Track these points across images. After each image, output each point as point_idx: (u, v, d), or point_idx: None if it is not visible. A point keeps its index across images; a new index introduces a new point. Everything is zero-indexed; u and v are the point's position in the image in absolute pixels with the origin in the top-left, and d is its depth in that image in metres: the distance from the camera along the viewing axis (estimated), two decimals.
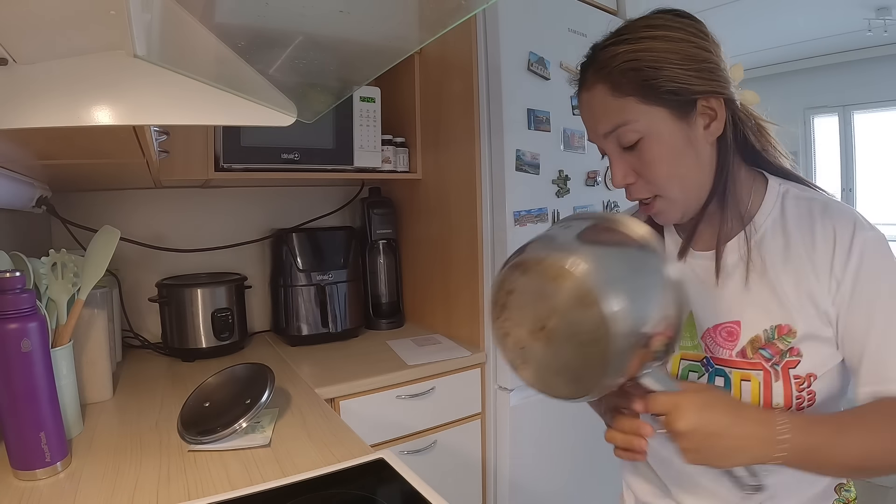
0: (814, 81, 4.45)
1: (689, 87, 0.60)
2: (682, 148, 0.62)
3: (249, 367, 1.01)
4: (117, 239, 0.98)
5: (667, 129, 0.61)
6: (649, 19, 0.64)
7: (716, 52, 0.63)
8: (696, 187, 0.64)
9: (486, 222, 1.41)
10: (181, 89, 0.57)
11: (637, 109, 0.61)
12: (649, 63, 0.60)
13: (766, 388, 0.62)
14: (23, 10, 0.44)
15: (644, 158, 0.62)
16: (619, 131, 0.63)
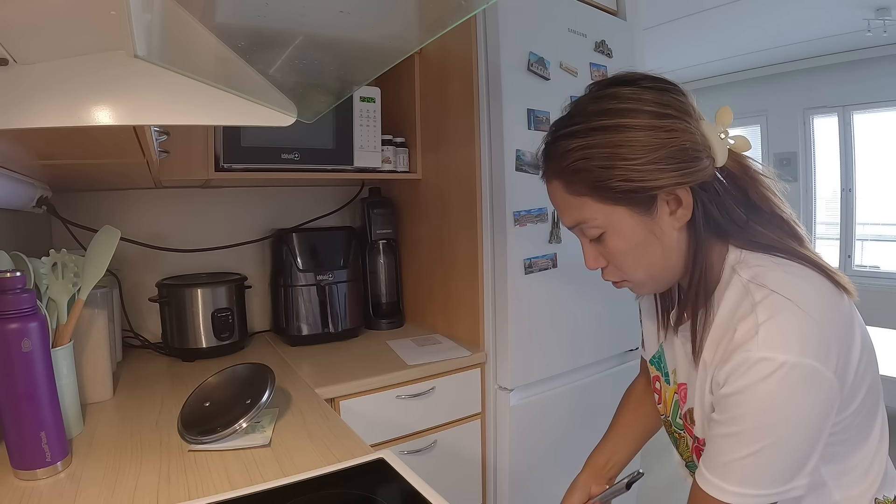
0: (813, 82, 4.46)
1: (646, 185, 0.57)
2: (644, 240, 0.61)
3: (250, 367, 1.01)
4: (117, 239, 0.98)
5: (626, 225, 0.60)
6: (603, 101, 0.60)
7: (682, 128, 0.58)
8: (663, 271, 0.64)
9: (486, 222, 1.41)
10: (181, 89, 0.57)
11: (594, 208, 0.61)
12: (600, 162, 0.58)
13: (694, 453, 0.69)
14: (23, 10, 0.44)
15: (609, 250, 0.63)
16: (581, 227, 0.64)
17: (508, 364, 1.40)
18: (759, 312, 0.55)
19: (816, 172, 4.62)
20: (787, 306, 0.54)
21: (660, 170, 0.57)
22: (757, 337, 0.54)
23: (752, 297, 0.56)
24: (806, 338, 0.53)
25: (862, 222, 4.45)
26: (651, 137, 0.57)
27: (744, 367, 0.54)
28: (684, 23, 3.56)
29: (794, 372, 0.52)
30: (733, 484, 0.56)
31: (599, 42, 1.56)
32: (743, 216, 0.61)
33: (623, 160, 0.57)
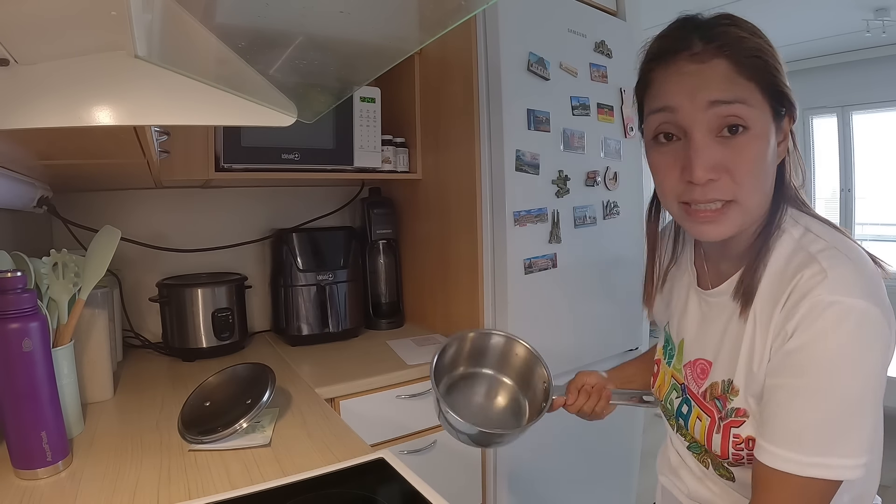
0: (812, 82, 4.46)
1: (790, 98, 0.58)
2: (771, 157, 0.58)
3: (250, 367, 1.01)
4: (118, 239, 0.98)
5: (770, 132, 0.57)
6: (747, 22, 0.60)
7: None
8: (763, 204, 0.60)
9: (486, 222, 1.41)
10: (182, 90, 0.58)
11: (756, 98, 0.56)
12: (771, 58, 0.57)
13: (708, 434, 0.64)
14: (24, 10, 0.44)
15: (742, 153, 0.56)
16: (734, 108, 0.55)
17: None
18: (822, 260, 0.53)
19: (816, 173, 4.62)
20: (846, 261, 0.54)
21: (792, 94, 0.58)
22: (826, 281, 0.52)
23: (809, 249, 0.56)
24: (872, 287, 0.52)
25: (861, 222, 4.45)
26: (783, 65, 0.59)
27: (815, 313, 0.51)
28: None
29: (866, 319, 0.50)
30: (812, 454, 0.51)
31: (599, 42, 1.56)
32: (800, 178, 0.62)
33: (781, 71, 0.58)
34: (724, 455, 0.62)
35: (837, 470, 0.51)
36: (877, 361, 0.51)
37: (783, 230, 0.59)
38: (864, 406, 0.52)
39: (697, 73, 0.57)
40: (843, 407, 0.51)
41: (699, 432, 0.66)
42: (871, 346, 0.51)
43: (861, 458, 0.51)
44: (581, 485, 1.60)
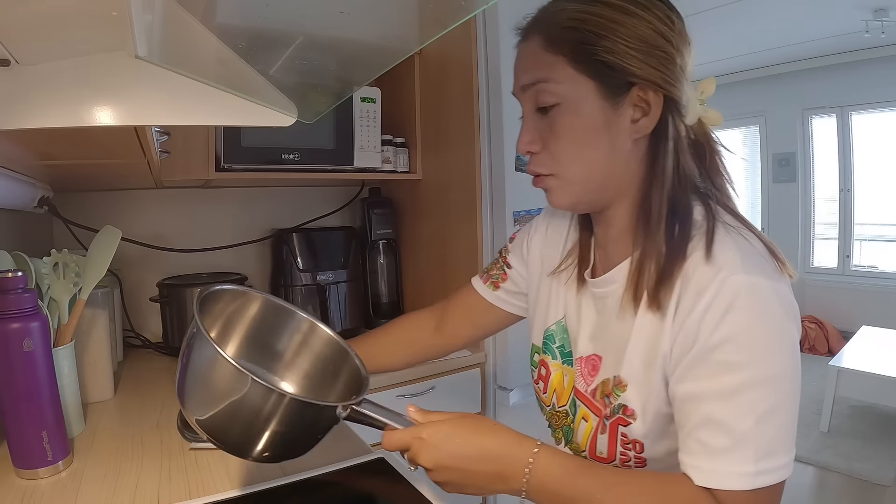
0: (812, 82, 4.46)
1: (627, 67, 0.53)
2: (597, 129, 0.55)
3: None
4: (118, 239, 0.99)
5: (588, 104, 0.55)
6: None
7: (677, 47, 0.55)
8: (601, 178, 0.57)
9: (486, 222, 1.41)
10: (182, 90, 0.58)
11: (564, 71, 0.55)
12: (593, 26, 0.53)
13: (593, 437, 0.60)
14: (25, 11, 0.45)
15: (554, 127, 0.56)
16: (539, 87, 0.56)
17: (508, 364, 1.40)
18: (727, 244, 0.51)
19: (815, 173, 4.63)
20: (737, 243, 0.52)
21: (645, 62, 0.53)
22: (732, 262, 0.49)
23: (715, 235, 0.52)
24: (775, 268, 0.51)
25: (860, 222, 4.46)
26: (649, 30, 0.53)
27: (725, 299, 0.48)
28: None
29: (777, 296, 0.48)
30: (756, 460, 0.46)
31: None
32: (695, 169, 0.57)
33: (616, 36, 0.53)
34: (612, 457, 0.58)
35: (785, 469, 0.48)
36: (796, 339, 0.49)
37: (676, 217, 0.55)
38: (797, 383, 0.49)
39: (520, 53, 0.59)
40: (785, 394, 0.48)
41: (583, 435, 0.61)
42: (789, 324, 0.49)
43: (793, 447, 0.49)
44: None
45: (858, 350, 2.92)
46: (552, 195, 0.61)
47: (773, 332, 0.48)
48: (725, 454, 0.47)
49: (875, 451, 2.48)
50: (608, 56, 0.53)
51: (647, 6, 0.54)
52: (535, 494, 0.51)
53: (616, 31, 0.53)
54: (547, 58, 0.55)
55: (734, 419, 0.47)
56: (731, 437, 0.47)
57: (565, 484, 0.50)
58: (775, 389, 0.47)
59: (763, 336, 0.48)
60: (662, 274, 0.54)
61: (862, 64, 4.16)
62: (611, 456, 0.59)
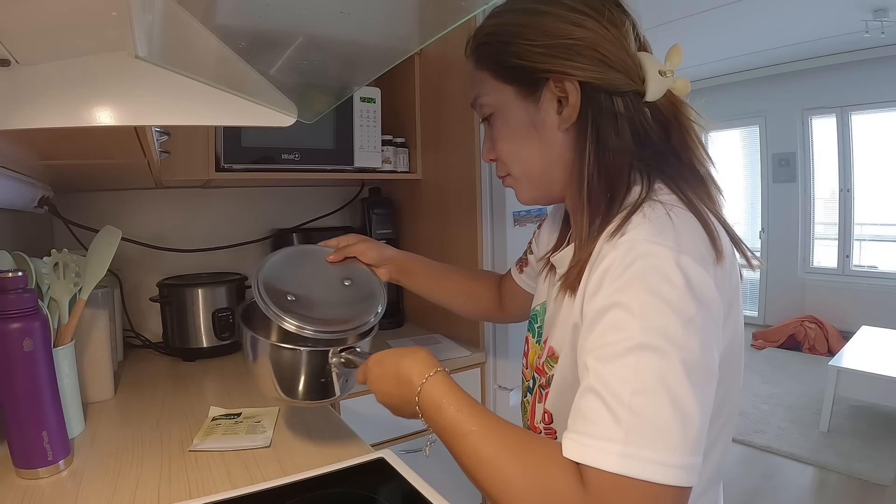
0: (812, 82, 4.46)
1: (534, 65, 0.55)
2: (525, 128, 0.59)
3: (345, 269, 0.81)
4: (119, 239, 0.99)
5: (512, 107, 0.59)
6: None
7: (597, 31, 0.54)
8: (541, 171, 0.60)
9: (486, 222, 1.41)
10: (182, 90, 0.58)
11: (489, 84, 0.60)
12: (501, 36, 0.58)
13: (532, 404, 0.64)
14: (25, 11, 0.45)
15: (494, 134, 0.62)
16: (477, 102, 0.62)
17: (508, 364, 1.40)
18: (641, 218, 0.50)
19: (815, 173, 4.63)
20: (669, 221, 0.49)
21: (552, 56, 0.54)
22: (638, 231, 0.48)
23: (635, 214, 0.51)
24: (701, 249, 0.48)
25: (860, 222, 4.46)
26: (556, 24, 0.55)
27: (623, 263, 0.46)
28: (683, 23, 3.56)
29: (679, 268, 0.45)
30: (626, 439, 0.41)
31: None
32: (631, 145, 0.55)
33: (522, 39, 0.56)
34: (536, 428, 0.62)
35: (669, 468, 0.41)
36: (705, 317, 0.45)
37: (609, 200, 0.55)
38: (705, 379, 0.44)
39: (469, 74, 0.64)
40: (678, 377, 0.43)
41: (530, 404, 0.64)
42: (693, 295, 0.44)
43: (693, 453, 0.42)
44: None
45: (858, 350, 2.92)
46: (516, 193, 0.66)
47: (667, 303, 0.43)
48: (594, 423, 0.42)
49: (875, 450, 2.48)
50: (516, 60, 0.57)
51: (559, 1, 0.55)
52: (425, 412, 0.54)
53: (521, 34, 0.56)
54: (477, 76, 0.62)
55: (610, 383, 0.43)
56: (603, 402, 0.42)
57: (448, 404, 0.52)
58: (662, 364, 0.42)
59: (654, 304, 0.43)
60: (577, 256, 0.55)
61: (862, 64, 4.16)
62: (534, 427, 0.63)
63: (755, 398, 3.21)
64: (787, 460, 2.48)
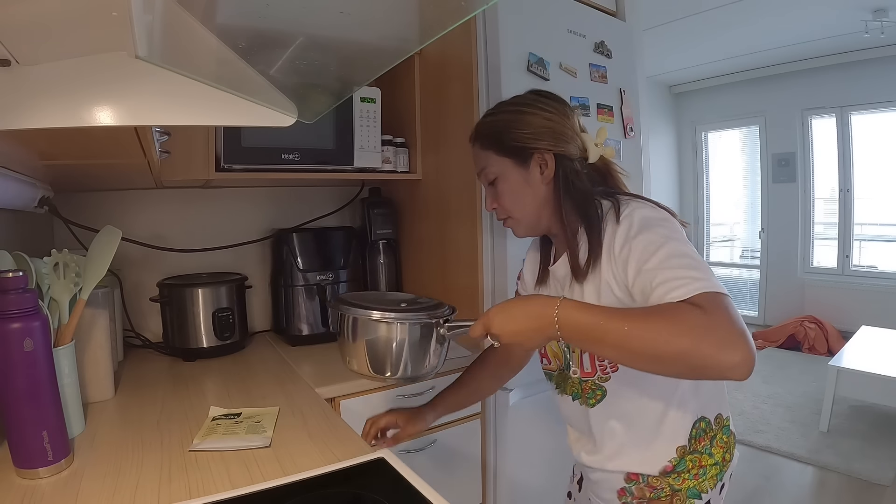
0: (812, 82, 4.47)
1: (525, 146, 0.86)
2: (521, 186, 0.88)
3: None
4: (119, 239, 0.99)
5: (511, 173, 0.88)
6: (516, 99, 0.91)
7: (559, 121, 0.87)
8: (534, 213, 0.89)
9: (486, 222, 1.41)
10: (182, 90, 0.58)
11: (493, 159, 0.89)
12: (501, 127, 0.88)
13: (580, 361, 0.88)
14: (25, 11, 0.45)
15: (497, 191, 0.90)
16: (483, 172, 0.91)
17: None
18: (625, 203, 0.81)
19: (814, 173, 4.63)
20: (636, 202, 0.81)
21: (537, 139, 0.86)
22: (631, 205, 0.80)
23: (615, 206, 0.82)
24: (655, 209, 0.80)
25: (860, 222, 4.46)
26: (535, 120, 0.87)
27: (634, 217, 0.77)
28: (683, 24, 3.56)
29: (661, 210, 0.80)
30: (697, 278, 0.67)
31: (599, 43, 1.56)
32: (590, 187, 0.87)
33: (515, 128, 0.87)
34: (593, 372, 0.87)
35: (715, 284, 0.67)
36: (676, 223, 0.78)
37: (587, 219, 0.83)
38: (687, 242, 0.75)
39: (473, 153, 0.94)
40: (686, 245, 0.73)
41: (574, 363, 0.89)
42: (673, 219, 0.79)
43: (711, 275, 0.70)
44: None
45: (858, 350, 2.92)
46: (514, 231, 0.93)
47: (664, 219, 0.77)
48: (680, 279, 0.68)
49: (874, 450, 2.48)
50: (514, 142, 0.87)
51: (534, 104, 0.88)
52: (564, 329, 0.67)
53: (514, 125, 0.87)
54: (483, 154, 0.91)
55: (666, 262, 0.71)
56: (673, 270, 0.70)
57: (589, 314, 0.67)
58: (679, 243, 0.73)
59: (662, 224, 0.76)
60: (590, 255, 0.83)
61: (862, 64, 4.16)
62: (592, 371, 0.87)
63: (755, 398, 3.21)
64: (787, 460, 2.48)
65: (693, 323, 0.62)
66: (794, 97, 4.59)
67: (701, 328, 0.62)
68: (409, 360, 0.83)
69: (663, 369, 0.65)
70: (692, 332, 0.62)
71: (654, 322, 0.64)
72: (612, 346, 0.65)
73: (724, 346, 0.60)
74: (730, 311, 0.64)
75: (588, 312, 0.67)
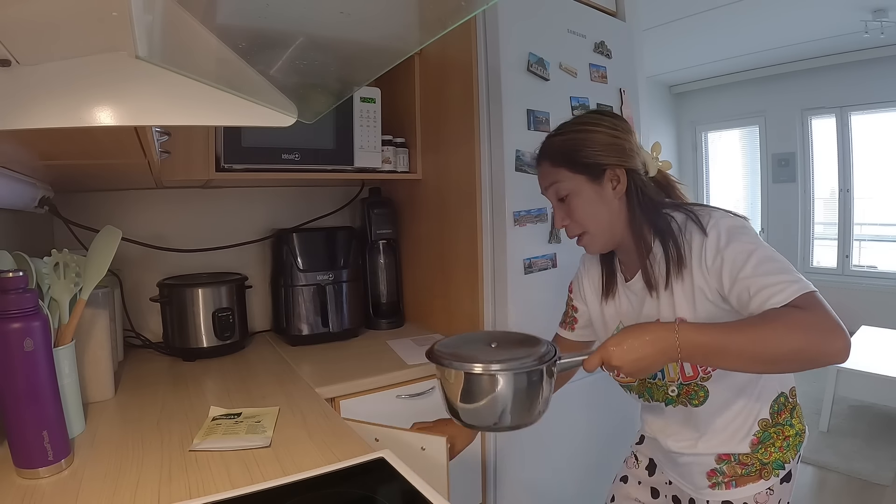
0: (811, 83, 4.46)
1: (598, 162, 0.88)
2: (595, 201, 0.89)
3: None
4: (119, 239, 0.99)
5: (584, 189, 0.89)
6: (581, 118, 0.94)
7: (625, 138, 0.89)
8: (608, 227, 0.90)
9: (486, 222, 1.42)
10: (182, 90, 0.58)
11: (565, 175, 0.90)
12: (573, 146, 0.90)
13: (681, 367, 0.89)
14: (25, 11, 0.45)
15: (571, 207, 0.91)
16: (554, 187, 0.92)
17: None
18: (704, 215, 0.84)
19: (814, 173, 4.63)
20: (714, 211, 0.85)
21: (607, 155, 0.88)
22: (714, 217, 0.83)
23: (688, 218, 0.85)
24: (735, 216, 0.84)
25: (859, 222, 4.46)
26: (604, 136, 0.89)
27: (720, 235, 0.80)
28: (683, 24, 3.56)
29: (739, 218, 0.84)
30: (793, 281, 0.73)
31: (599, 43, 1.56)
32: (656, 199, 0.90)
33: (586, 146, 0.89)
34: (695, 375, 0.87)
35: (806, 284, 0.73)
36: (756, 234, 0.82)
37: (659, 230, 0.87)
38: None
39: (540, 171, 0.96)
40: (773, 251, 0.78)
41: (673, 372, 0.89)
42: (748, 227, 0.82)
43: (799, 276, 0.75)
44: (581, 484, 1.60)
45: (858, 350, 2.92)
46: (588, 247, 0.94)
47: (744, 227, 0.81)
48: (776, 285, 0.73)
49: (874, 450, 2.48)
50: (586, 159, 0.89)
51: (600, 123, 0.90)
52: (686, 350, 0.72)
53: (585, 143, 0.89)
54: (553, 171, 0.92)
55: (759, 269, 0.75)
56: (768, 277, 0.74)
57: (708, 334, 0.72)
58: (765, 249, 0.78)
59: (746, 232, 0.80)
60: (669, 267, 0.86)
61: (861, 64, 4.16)
62: (695, 374, 0.88)
63: None
64: None
65: (801, 324, 0.69)
66: (794, 97, 4.59)
67: (808, 327, 0.69)
68: (519, 407, 0.76)
69: (779, 368, 0.75)
70: (803, 332, 0.69)
71: (768, 329, 0.70)
72: (734, 358, 0.72)
73: (829, 339, 0.68)
74: (825, 305, 0.71)
75: (706, 333, 0.72)
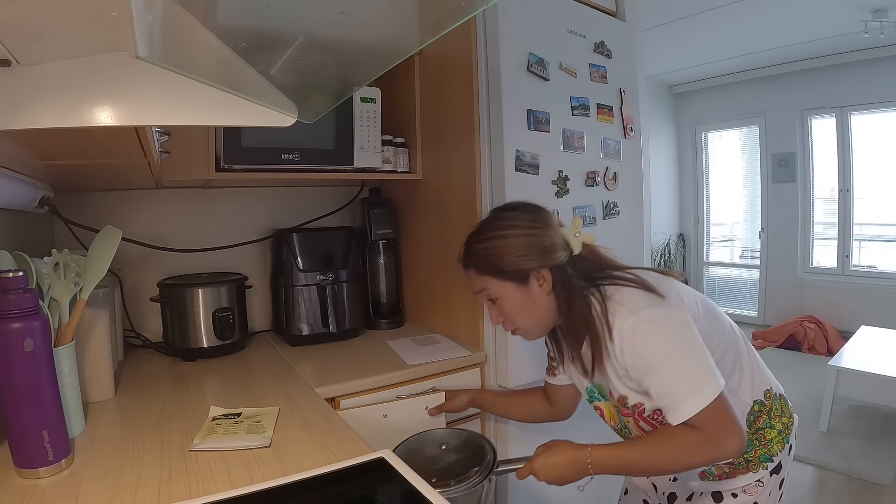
0: (811, 82, 4.46)
1: (521, 268, 0.92)
2: (524, 301, 0.94)
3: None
4: (119, 239, 0.99)
5: (512, 293, 0.94)
6: (498, 221, 0.96)
7: (543, 234, 0.92)
8: (541, 321, 0.97)
9: None
10: (182, 90, 0.58)
11: (492, 283, 0.95)
12: (495, 255, 0.93)
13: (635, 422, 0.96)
14: (25, 11, 0.45)
15: (502, 309, 0.97)
16: (484, 293, 0.98)
17: (508, 363, 1.40)
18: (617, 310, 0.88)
19: (814, 173, 4.63)
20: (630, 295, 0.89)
21: (529, 259, 0.92)
22: (623, 313, 0.87)
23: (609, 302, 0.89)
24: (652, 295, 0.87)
25: (859, 222, 4.46)
26: (522, 242, 0.92)
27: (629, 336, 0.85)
28: (683, 24, 3.56)
29: (656, 313, 0.86)
30: (688, 396, 0.81)
31: (599, 43, 1.56)
32: (584, 282, 0.93)
33: (507, 254, 0.92)
34: (654, 428, 0.94)
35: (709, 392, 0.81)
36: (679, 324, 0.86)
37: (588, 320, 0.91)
38: (694, 347, 0.85)
39: (469, 277, 0.99)
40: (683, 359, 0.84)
41: (632, 428, 0.99)
42: (669, 321, 0.86)
43: (717, 371, 0.83)
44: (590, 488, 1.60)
45: (858, 350, 2.92)
46: (525, 337, 1.02)
47: (658, 330, 0.85)
48: (678, 398, 0.82)
49: (874, 450, 2.48)
50: (509, 267, 0.93)
51: (517, 225, 0.94)
52: (597, 468, 0.89)
53: (506, 250, 0.92)
54: (480, 279, 0.97)
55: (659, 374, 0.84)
56: (667, 385, 0.84)
57: (613, 455, 0.89)
58: (680, 356, 0.84)
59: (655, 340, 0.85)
60: (594, 358, 0.92)
61: (861, 64, 4.16)
62: (652, 427, 0.94)
63: None
64: None
65: (693, 445, 0.81)
66: (793, 97, 4.59)
67: (700, 446, 0.81)
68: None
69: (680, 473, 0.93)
70: (695, 453, 0.82)
71: (667, 451, 0.84)
72: (638, 472, 0.93)
73: (720, 448, 0.81)
74: (722, 412, 0.81)
75: (611, 453, 0.89)
